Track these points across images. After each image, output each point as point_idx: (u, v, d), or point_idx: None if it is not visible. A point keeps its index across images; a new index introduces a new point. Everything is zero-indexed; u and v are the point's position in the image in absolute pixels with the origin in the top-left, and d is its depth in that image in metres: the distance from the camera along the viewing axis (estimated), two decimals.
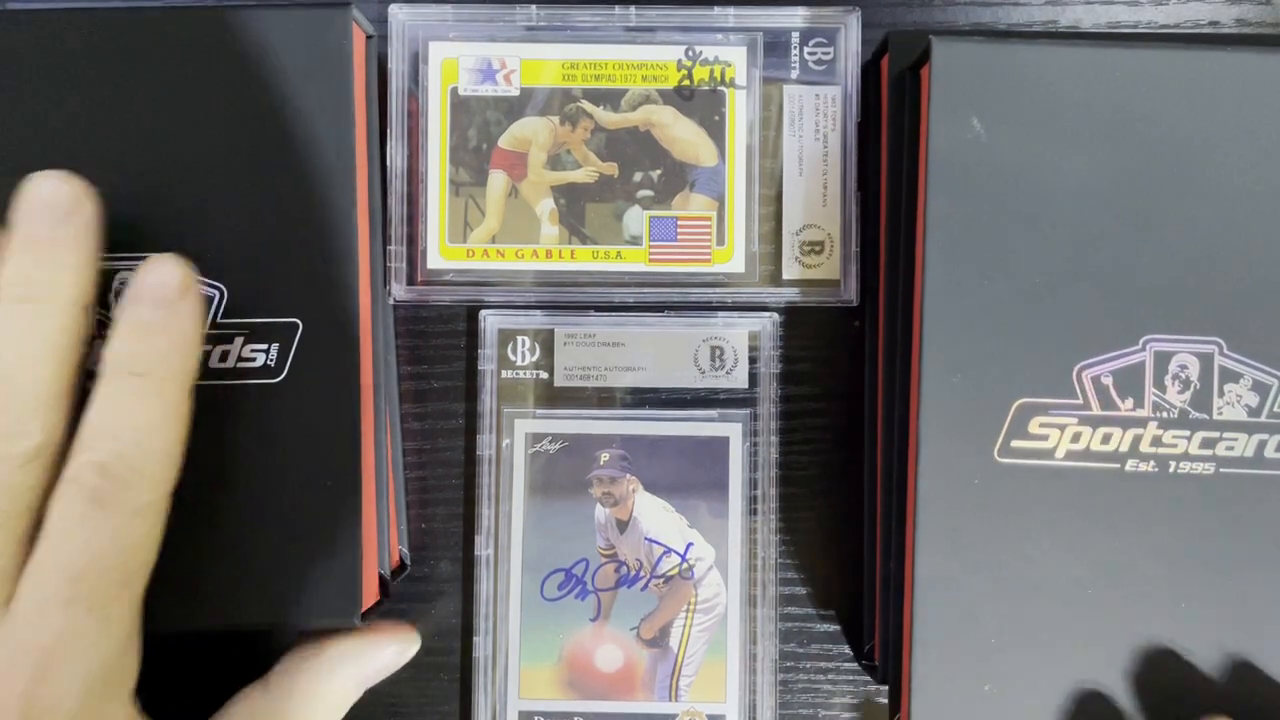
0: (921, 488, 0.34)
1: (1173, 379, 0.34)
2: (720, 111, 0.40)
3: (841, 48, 0.40)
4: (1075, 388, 0.34)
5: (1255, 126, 0.34)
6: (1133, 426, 0.34)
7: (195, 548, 0.34)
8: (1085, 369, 0.34)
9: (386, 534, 0.38)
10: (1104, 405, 0.34)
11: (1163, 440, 0.34)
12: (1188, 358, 0.34)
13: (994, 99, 0.34)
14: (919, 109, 0.35)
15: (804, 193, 0.40)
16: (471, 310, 0.41)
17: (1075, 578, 0.34)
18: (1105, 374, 0.34)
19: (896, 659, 0.35)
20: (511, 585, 0.39)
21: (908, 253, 0.36)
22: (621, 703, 0.39)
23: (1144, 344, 0.34)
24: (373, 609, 0.36)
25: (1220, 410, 0.34)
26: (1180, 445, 0.34)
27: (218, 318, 0.35)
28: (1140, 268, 0.34)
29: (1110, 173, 0.34)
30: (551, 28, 0.40)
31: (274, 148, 0.35)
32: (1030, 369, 0.34)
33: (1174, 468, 0.34)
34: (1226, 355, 0.34)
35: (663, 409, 0.40)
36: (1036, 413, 0.34)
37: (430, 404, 0.41)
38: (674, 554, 0.39)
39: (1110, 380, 0.34)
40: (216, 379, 0.35)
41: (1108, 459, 0.34)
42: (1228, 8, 0.41)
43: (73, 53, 0.35)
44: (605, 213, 0.40)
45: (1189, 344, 0.34)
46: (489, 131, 0.40)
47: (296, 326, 0.35)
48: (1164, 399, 0.34)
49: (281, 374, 0.35)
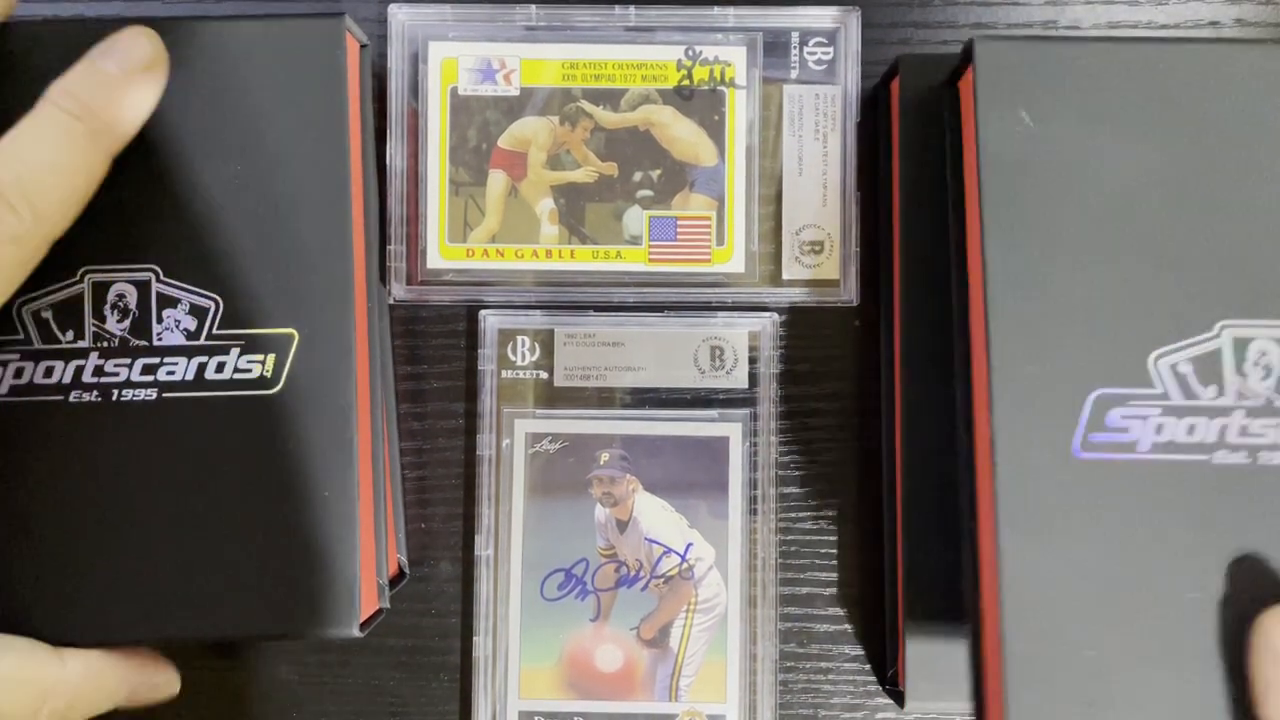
0: (1001, 490, 0.31)
1: (1253, 365, 0.33)
2: (720, 111, 0.40)
3: (841, 48, 0.40)
4: (1152, 376, 0.32)
5: None
6: (1218, 416, 0.32)
7: (191, 559, 0.34)
8: (1161, 356, 0.32)
9: (384, 542, 0.37)
10: (1185, 394, 0.32)
11: (1250, 430, 0.32)
12: (1268, 343, 0.33)
13: (1039, 94, 0.33)
14: (958, 120, 0.35)
15: (804, 193, 0.40)
16: (471, 310, 0.41)
17: (1171, 581, 0.31)
18: (1182, 361, 0.33)
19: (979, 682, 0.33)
20: (511, 585, 0.39)
21: (958, 260, 0.35)
22: (621, 703, 0.39)
23: (1219, 329, 0.33)
24: (372, 619, 0.36)
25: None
26: (1269, 435, 0.32)
27: (213, 329, 0.35)
28: (1208, 252, 0.33)
29: (1167, 160, 0.33)
30: (551, 28, 0.40)
31: (268, 160, 0.35)
32: (1104, 358, 0.32)
33: (1264, 458, 0.32)
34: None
35: (663, 409, 0.40)
36: (1115, 404, 0.32)
37: (429, 404, 0.41)
38: (674, 554, 0.39)
39: (1189, 368, 0.32)
40: (213, 390, 0.35)
41: (1194, 450, 0.32)
42: (1227, 7, 0.41)
43: (67, 64, 0.35)
44: (605, 213, 0.40)
45: (1266, 329, 0.33)
46: (489, 131, 0.40)
47: (292, 338, 0.35)
48: (1247, 386, 0.32)
49: (278, 385, 0.35)
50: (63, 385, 0.35)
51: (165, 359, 0.35)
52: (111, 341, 0.35)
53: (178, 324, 0.35)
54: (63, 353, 0.35)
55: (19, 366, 0.35)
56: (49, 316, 0.35)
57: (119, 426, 0.34)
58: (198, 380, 0.34)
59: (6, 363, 0.35)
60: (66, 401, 0.34)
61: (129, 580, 0.34)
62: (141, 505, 0.34)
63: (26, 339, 0.35)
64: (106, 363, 0.35)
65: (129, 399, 0.35)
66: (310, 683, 0.40)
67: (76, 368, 0.35)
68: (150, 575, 0.34)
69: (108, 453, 0.34)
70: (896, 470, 0.38)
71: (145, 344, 0.35)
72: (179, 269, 0.35)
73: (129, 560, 0.34)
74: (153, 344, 0.35)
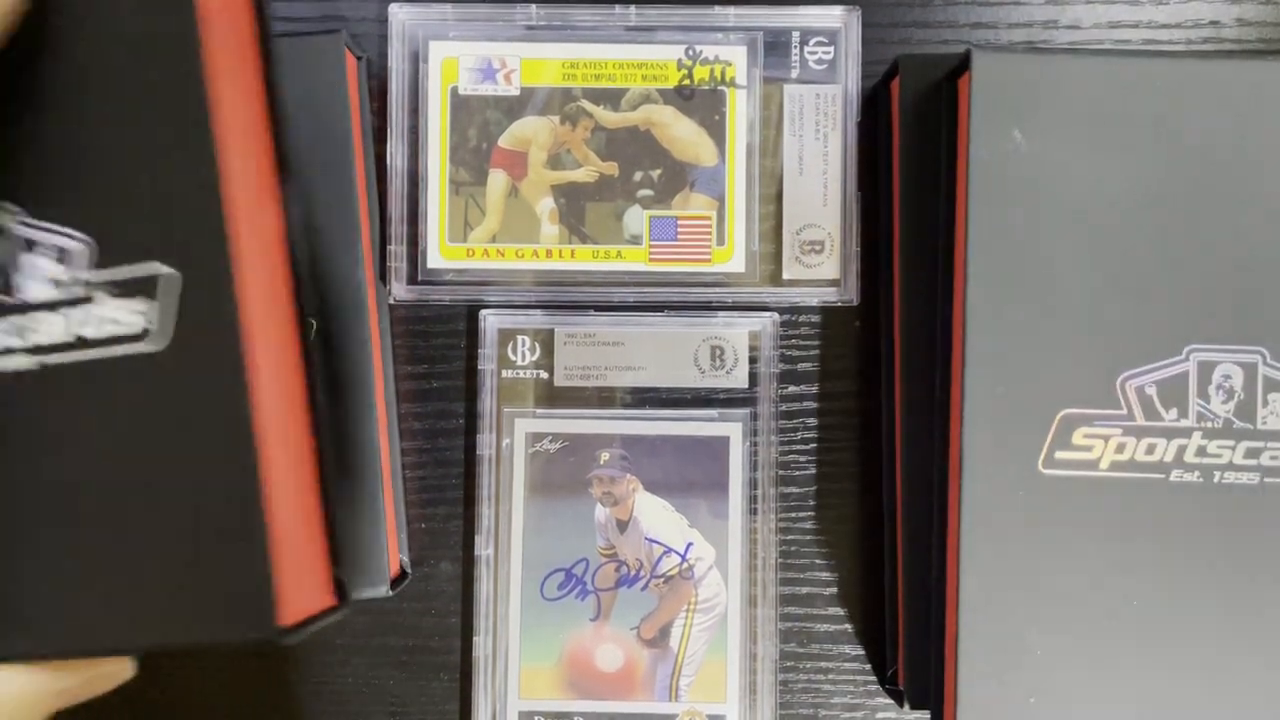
0: (966, 501, 0.33)
1: (1216, 389, 0.34)
2: (720, 111, 0.40)
3: (841, 47, 0.40)
4: (1119, 398, 0.34)
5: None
6: (1177, 437, 0.34)
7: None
8: (1129, 379, 0.34)
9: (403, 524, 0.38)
10: (1148, 415, 0.34)
11: (1207, 450, 0.34)
12: (1232, 367, 0.34)
13: (1035, 110, 0.34)
14: (956, 118, 0.35)
15: (804, 192, 0.40)
16: (471, 310, 0.41)
17: (1121, 590, 0.34)
18: (1149, 384, 0.34)
19: (939, 673, 0.35)
20: (511, 585, 0.39)
21: (945, 265, 0.35)
22: (621, 703, 0.39)
23: (1187, 354, 0.34)
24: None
25: (1265, 420, 0.34)
26: (1225, 455, 0.34)
27: None
28: (1183, 278, 0.34)
29: (1152, 183, 0.34)
30: (551, 27, 0.40)
31: None
32: (1074, 380, 0.34)
33: (1219, 478, 0.34)
34: (1270, 365, 0.34)
35: (663, 409, 0.40)
36: (1080, 423, 0.34)
37: (430, 404, 0.41)
38: (674, 554, 0.39)
39: (1154, 390, 0.34)
40: None
41: (1152, 469, 0.34)
42: (1228, 7, 0.41)
43: None
44: (605, 212, 0.40)
45: (1233, 354, 0.34)
46: (489, 131, 0.40)
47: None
48: (1208, 409, 0.34)
49: None
50: None
51: None
52: None
53: None
54: None
55: None
56: None
57: None
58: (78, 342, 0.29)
59: None
60: None
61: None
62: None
63: None
64: None
65: None
66: (310, 683, 0.40)
67: None
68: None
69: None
70: (896, 470, 0.38)
71: None
72: None
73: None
74: None
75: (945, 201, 0.36)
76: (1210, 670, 0.33)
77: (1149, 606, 0.34)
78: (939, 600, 0.35)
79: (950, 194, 0.35)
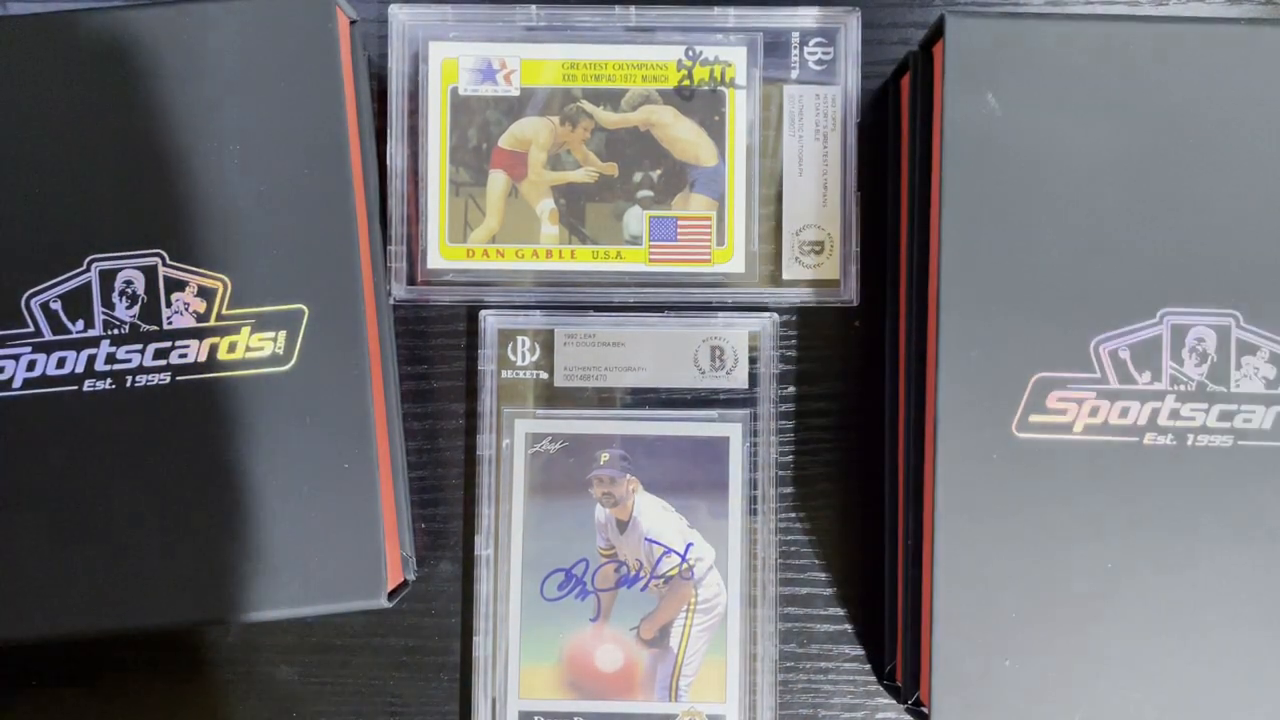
0: (941, 463, 0.34)
1: (1190, 352, 0.34)
2: (720, 111, 0.40)
3: (841, 48, 0.40)
4: (1093, 361, 0.34)
5: (1270, 99, 0.34)
6: (1150, 400, 0.34)
7: (213, 542, 0.34)
8: (1102, 342, 0.34)
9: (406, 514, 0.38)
10: (1121, 379, 0.34)
11: (1180, 413, 0.34)
12: (1205, 330, 0.34)
13: (1009, 74, 0.34)
14: (931, 86, 0.35)
15: (804, 193, 0.40)
16: (471, 310, 0.41)
17: (1094, 552, 0.34)
18: (1122, 348, 0.34)
19: (915, 635, 0.35)
20: (511, 585, 0.39)
21: (921, 229, 0.35)
22: (621, 703, 0.39)
23: (1161, 317, 0.34)
24: (398, 590, 0.37)
25: (1238, 383, 0.34)
26: (1198, 418, 0.34)
27: (223, 309, 0.35)
28: (1156, 241, 0.34)
29: (1126, 147, 0.34)
30: (551, 28, 0.40)
31: (267, 137, 0.35)
32: (1047, 343, 0.34)
33: (1192, 441, 0.34)
34: (1244, 328, 0.34)
35: (663, 409, 0.40)
36: (1054, 387, 0.34)
37: (430, 404, 0.41)
38: (674, 554, 0.39)
39: (1127, 354, 0.34)
40: (225, 370, 0.35)
41: (1126, 433, 0.34)
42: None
43: (65, 54, 0.35)
44: (605, 213, 0.40)
45: (1206, 317, 0.34)
46: (489, 131, 0.40)
47: (302, 313, 0.35)
48: (1181, 372, 0.34)
49: (290, 362, 0.35)
50: (76, 375, 0.35)
51: (176, 342, 0.35)
52: (122, 329, 0.35)
53: (186, 307, 0.35)
54: (74, 343, 0.35)
55: (31, 359, 0.35)
56: (58, 307, 0.35)
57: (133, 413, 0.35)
58: (210, 360, 0.35)
59: (18, 355, 0.35)
60: (80, 391, 0.35)
61: (151, 567, 0.34)
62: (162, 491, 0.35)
63: (36, 331, 0.35)
64: (118, 350, 0.35)
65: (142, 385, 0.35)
66: (310, 683, 0.40)
67: (89, 356, 0.35)
68: (174, 560, 0.34)
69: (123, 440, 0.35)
70: (898, 470, 0.38)
71: (155, 328, 0.35)
72: (185, 252, 0.35)
73: (151, 548, 0.34)
74: (163, 328, 0.35)
75: (920, 167, 0.36)
76: (1183, 631, 0.34)
77: (1122, 569, 0.34)
78: (914, 565, 0.35)
79: (926, 159, 0.35)
